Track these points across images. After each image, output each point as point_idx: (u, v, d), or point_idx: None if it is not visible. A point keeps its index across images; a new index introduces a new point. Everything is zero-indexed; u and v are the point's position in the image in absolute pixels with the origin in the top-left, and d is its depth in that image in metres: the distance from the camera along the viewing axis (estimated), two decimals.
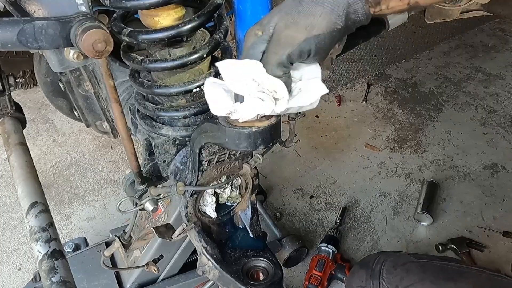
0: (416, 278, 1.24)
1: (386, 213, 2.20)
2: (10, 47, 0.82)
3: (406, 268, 1.28)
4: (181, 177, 1.10)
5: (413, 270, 1.27)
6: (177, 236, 1.11)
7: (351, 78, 3.01)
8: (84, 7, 0.84)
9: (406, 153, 2.50)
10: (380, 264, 1.32)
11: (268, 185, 2.33)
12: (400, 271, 1.28)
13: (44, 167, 2.49)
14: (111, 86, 0.90)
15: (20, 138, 1.38)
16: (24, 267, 2.06)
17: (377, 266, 1.32)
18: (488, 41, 3.30)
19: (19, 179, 1.22)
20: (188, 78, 1.03)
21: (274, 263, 1.16)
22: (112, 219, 2.22)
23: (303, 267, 1.99)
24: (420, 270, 1.27)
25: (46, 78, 1.46)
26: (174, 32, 0.93)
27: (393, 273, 1.28)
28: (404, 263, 1.30)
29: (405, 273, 1.27)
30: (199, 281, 1.63)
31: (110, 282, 1.66)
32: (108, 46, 0.81)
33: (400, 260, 1.32)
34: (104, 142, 2.62)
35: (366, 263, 1.37)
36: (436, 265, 1.29)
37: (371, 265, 1.34)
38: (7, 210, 2.30)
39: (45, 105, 2.84)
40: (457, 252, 1.99)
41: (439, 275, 1.25)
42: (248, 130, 0.85)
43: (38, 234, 1.06)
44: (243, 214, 1.23)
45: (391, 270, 1.29)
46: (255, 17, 1.16)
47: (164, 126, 1.09)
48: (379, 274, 1.30)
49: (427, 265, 1.29)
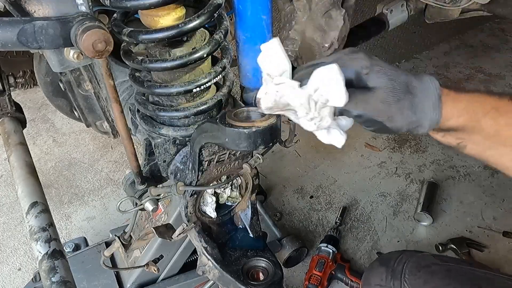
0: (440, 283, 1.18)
1: (386, 213, 2.20)
2: (10, 47, 0.81)
3: (430, 271, 1.21)
4: (181, 177, 1.10)
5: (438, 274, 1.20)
6: (177, 236, 1.11)
7: None
8: (84, 7, 0.84)
9: (406, 153, 2.50)
10: (402, 264, 1.25)
11: (268, 185, 2.33)
12: (424, 273, 1.21)
13: (44, 167, 2.49)
14: (111, 86, 0.90)
15: (20, 138, 1.38)
16: (24, 267, 2.06)
17: (399, 266, 1.25)
18: (488, 41, 3.30)
19: (19, 179, 1.22)
20: (188, 78, 1.03)
21: (274, 263, 1.16)
22: (112, 219, 2.22)
23: (303, 267, 1.99)
24: (446, 274, 1.20)
25: (46, 78, 1.46)
26: (174, 32, 0.93)
27: (417, 275, 1.21)
28: (428, 265, 1.23)
29: (430, 276, 1.20)
30: (199, 281, 1.63)
31: (110, 282, 1.66)
32: (108, 46, 0.81)
33: (424, 261, 1.25)
34: (104, 142, 2.62)
35: (387, 261, 1.30)
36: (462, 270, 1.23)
37: (392, 264, 1.27)
38: (7, 210, 2.30)
39: (45, 105, 2.84)
40: (457, 252, 1.99)
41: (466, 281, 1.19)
42: (248, 130, 0.85)
43: (38, 234, 1.06)
44: (243, 214, 1.23)
45: (414, 271, 1.22)
46: (255, 17, 1.16)
47: (164, 126, 1.09)
48: (401, 274, 1.23)
49: (453, 270, 1.22)
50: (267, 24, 1.19)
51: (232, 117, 0.89)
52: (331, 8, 1.27)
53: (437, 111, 0.81)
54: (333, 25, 1.28)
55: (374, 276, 1.31)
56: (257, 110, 0.94)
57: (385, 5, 1.70)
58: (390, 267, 1.27)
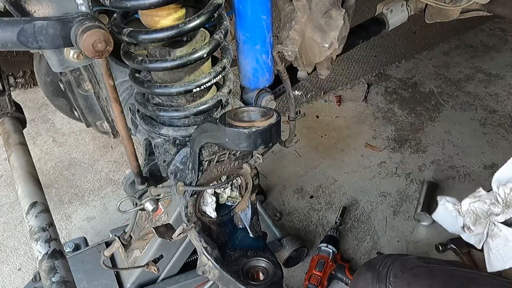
0: (424, 283, 1.20)
1: (386, 213, 2.20)
2: (10, 47, 0.82)
3: (414, 273, 1.24)
4: (181, 177, 1.10)
5: (421, 275, 1.22)
6: (177, 236, 1.11)
7: (351, 78, 3.01)
8: (84, 7, 0.84)
9: (406, 153, 2.50)
10: (387, 267, 1.28)
11: (268, 185, 2.33)
12: (408, 275, 1.23)
13: (44, 167, 2.49)
14: (111, 86, 0.90)
15: (20, 138, 1.39)
16: (24, 267, 2.06)
17: (384, 270, 1.28)
18: (488, 41, 3.30)
19: (19, 179, 1.22)
20: (188, 78, 1.03)
21: (274, 263, 1.16)
22: (112, 219, 2.22)
23: (303, 267, 1.99)
24: (429, 275, 1.22)
25: (46, 78, 1.46)
26: (174, 32, 0.93)
27: (400, 277, 1.24)
28: (412, 267, 1.26)
29: (413, 278, 1.22)
30: (199, 281, 1.63)
31: (110, 282, 1.66)
32: (108, 46, 0.81)
33: (408, 264, 1.28)
34: (104, 142, 2.62)
35: (372, 266, 1.33)
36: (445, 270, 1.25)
37: (378, 268, 1.30)
38: (7, 210, 2.30)
39: (45, 105, 2.83)
40: (457, 252, 1.99)
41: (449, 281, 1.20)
42: (248, 130, 0.85)
43: (38, 234, 1.06)
44: (243, 214, 1.23)
45: (398, 274, 1.25)
46: (255, 17, 1.16)
47: (164, 126, 1.09)
48: (386, 277, 1.25)
49: (436, 270, 1.24)
50: (267, 24, 1.19)
51: (232, 117, 0.89)
52: (331, 8, 1.27)
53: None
54: (333, 25, 1.28)
55: (361, 281, 1.35)
56: (257, 110, 0.94)
57: (385, 5, 1.70)
58: (376, 271, 1.30)
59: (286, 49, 1.28)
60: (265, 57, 1.24)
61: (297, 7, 1.26)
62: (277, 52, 1.28)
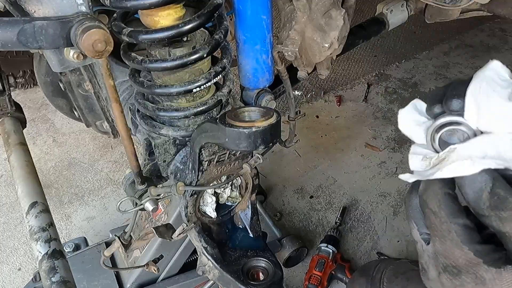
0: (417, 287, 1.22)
1: (386, 213, 2.20)
2: (10, 47, 0.81)
3: (407, 277, 1.23)
4: (181, 177, 1.10)
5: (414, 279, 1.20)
6: (177, 236, 1.11)
7: (351, 78, 3.01)
8: (84, 7, 0.84)
9: (406, 153, 2.48)
10: (380, 272, 1.29)
11: (268, 185, 2.33)
12: (401, 280, 1.23)
13: (44, 167, 2.49)
14: (111, 86, 0.90)
15: (20, 138, 1.39)
16: (24, 267, 2.06)
17: (378, 275, 1.28)
18: (488, 41, 3.30)
19: (19, 179, 1.22)
20: (188, 78, 1.03)
21: (274, 263, 1.16)
22: (112, 219, 2.22)
23: (303, 267, 1.99)
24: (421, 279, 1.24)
25: (46, 78, 1.46)
26: (174, 32, 0.93)
27: (394, 282, 1.24)
28: (405, 271, 1.25)
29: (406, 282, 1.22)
30: (199, 281, 1.63)
31: (110, 282, 1.66)
32: (108, 46, 0.81)
33: (401, 268, 1.28)
34: (104, 142, 2.62)
35: (366, 271, 1.34)
36: None
37: (371, 273, 1.30)
38: (7, 210, 2.30)
39: (45, 105, 2.84)
40: None
41: None
42: (248, 130, 0.85)
43: (38, 234, 1.06)
44: (243, 214, 1.23)
45: (392, 278, 1.25)
46: (255, 17, 1.16)
47: (164, 126, 1.09)
48: (380, 282, 1.26)
49: None
50: (267, 24, 1.19)
51: (232, 117, 0.89)
52: (331, 8, 1.27)
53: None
54: (333, 25, 1.28)
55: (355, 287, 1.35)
56: (257, 110, 0.94)
57: (385, 5, 1.70)
58: (370, 276, 1.30)
59: (286, 49, 1.28)
60: (265, 57, 1.24)
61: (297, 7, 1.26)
62: (277, 52, 1.28)
